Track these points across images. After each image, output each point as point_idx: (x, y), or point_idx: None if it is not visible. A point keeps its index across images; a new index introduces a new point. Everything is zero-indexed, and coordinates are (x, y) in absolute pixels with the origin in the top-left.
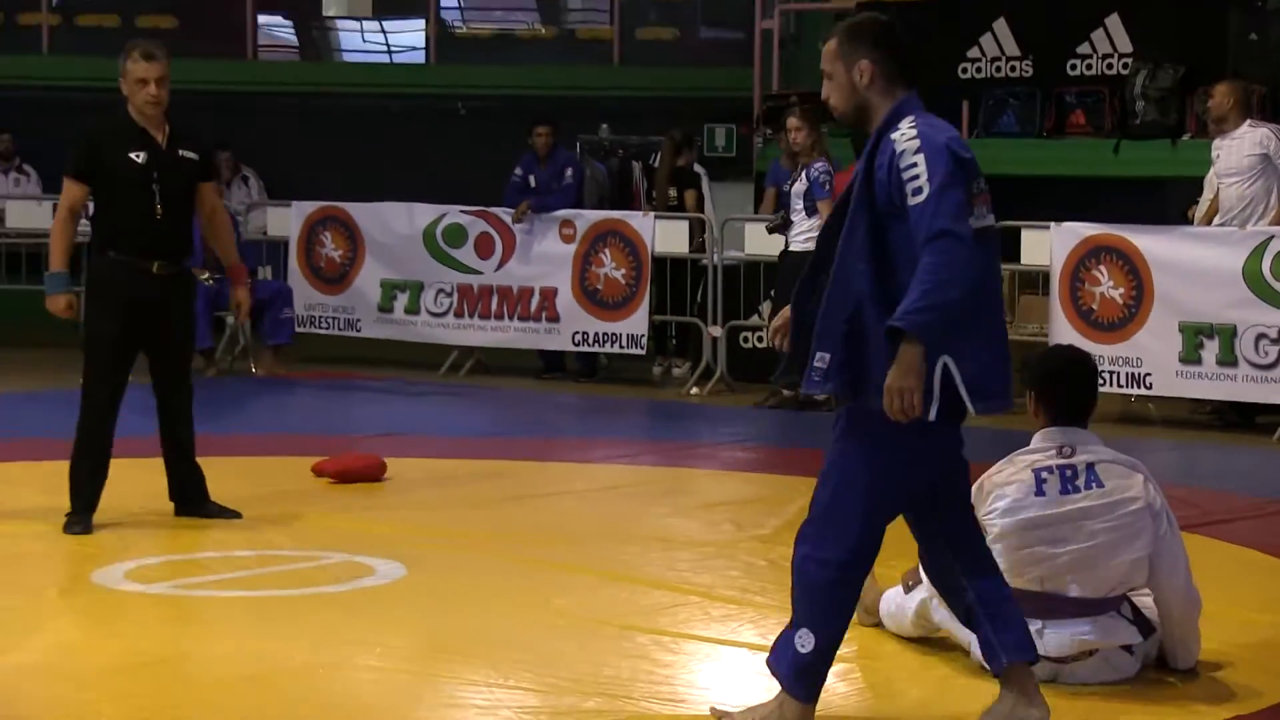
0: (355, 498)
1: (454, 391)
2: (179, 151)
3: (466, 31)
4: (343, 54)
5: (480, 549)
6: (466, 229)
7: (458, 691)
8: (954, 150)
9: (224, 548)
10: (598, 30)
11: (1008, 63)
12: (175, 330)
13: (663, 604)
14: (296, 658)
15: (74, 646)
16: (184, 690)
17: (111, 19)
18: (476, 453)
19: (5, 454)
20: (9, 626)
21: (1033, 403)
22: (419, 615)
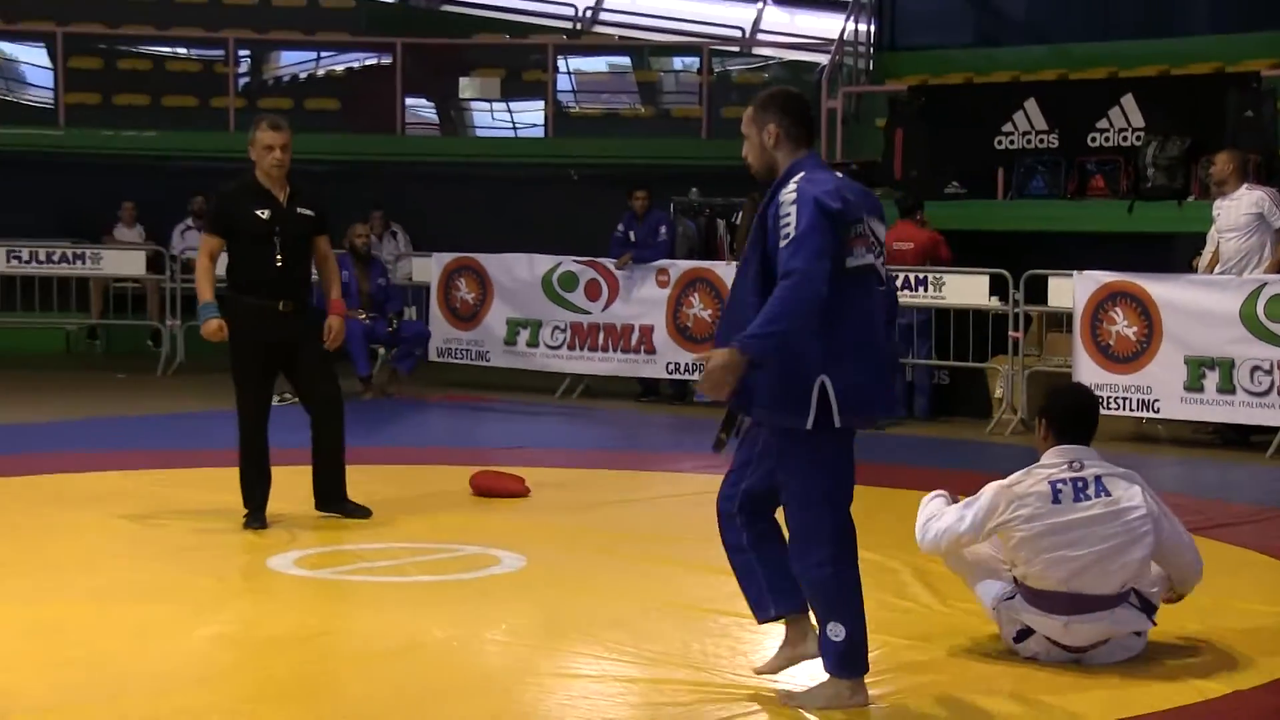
0: (485, 500)
1: (567, 412)
2: (297, 209)
3: (579, 111)
4: (475, 130)
5: (589, 544)
6: (578, 276)
7: (570, 663)
8: (821, 203)
9: (376, 540)
10: (689, 109)
11: (1037, 135)
12: (307, 355)
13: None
14: (434, 633)
15: (253, 620)
16: (342, 659)
17: (286, 101)
18: (586, 463)
19: (200, 461)
20: (202, 603)
21: (1043, 429)
22: (537, 599)
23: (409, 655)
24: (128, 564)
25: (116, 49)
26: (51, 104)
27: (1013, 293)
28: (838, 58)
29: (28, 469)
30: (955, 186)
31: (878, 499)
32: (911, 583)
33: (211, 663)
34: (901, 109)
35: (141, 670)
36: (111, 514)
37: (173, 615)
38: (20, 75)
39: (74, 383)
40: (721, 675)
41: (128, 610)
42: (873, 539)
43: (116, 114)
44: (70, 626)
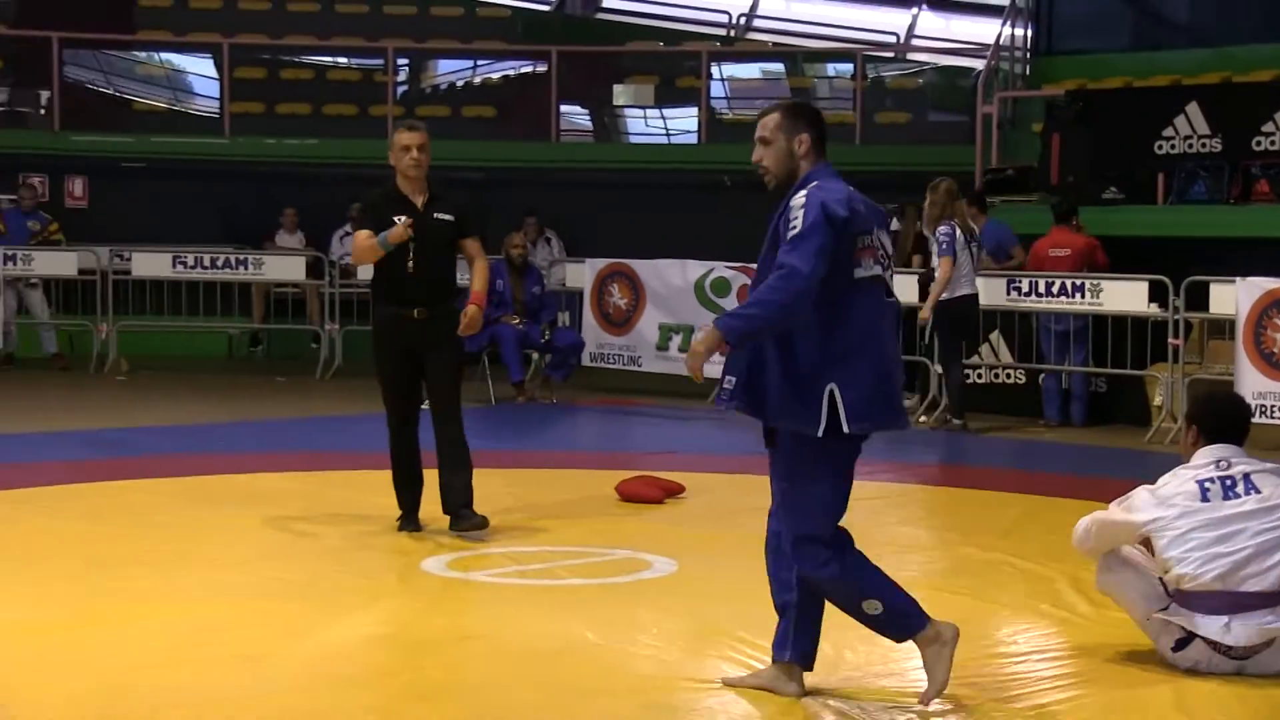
0: (636, 504)
1: (718, 417)
2: (435, 215)
3: (732, 117)
4: (629, 136)
5: (740, 549)
6: (730, 281)
7: (719, 666)
8: (827, 207)
9: (528, 544)
10: (843, 115)
11: (1199, 140)
12: (434, 365)
13: None
14: (586, 636)
15: (408, 621)
16: (493, 660)
17: (443, 109)
18: (737, 468)
19: (357, 463)
20: (356, 604)
21: (1192, 435)
22: (688, 604)
23: (560, 657)
24: (283, 564)
25: (279, 59)
26: (217, 113)
27: (1173, 299)
28: (994, 63)
29: (190, 469)
30: (1113, 192)
31: (1033, 507)
32: (1067, 591)
33: (364, 663)
34: (1059, 114)
35: (295, 670)
36: (269, 515)
37: (326, 616)
38: (188, 86)
39: (235, 386)
40: (873, 683)
41: (282, 610)
42: (1028, 547)
43: (279, 122)
44: (226, 626)
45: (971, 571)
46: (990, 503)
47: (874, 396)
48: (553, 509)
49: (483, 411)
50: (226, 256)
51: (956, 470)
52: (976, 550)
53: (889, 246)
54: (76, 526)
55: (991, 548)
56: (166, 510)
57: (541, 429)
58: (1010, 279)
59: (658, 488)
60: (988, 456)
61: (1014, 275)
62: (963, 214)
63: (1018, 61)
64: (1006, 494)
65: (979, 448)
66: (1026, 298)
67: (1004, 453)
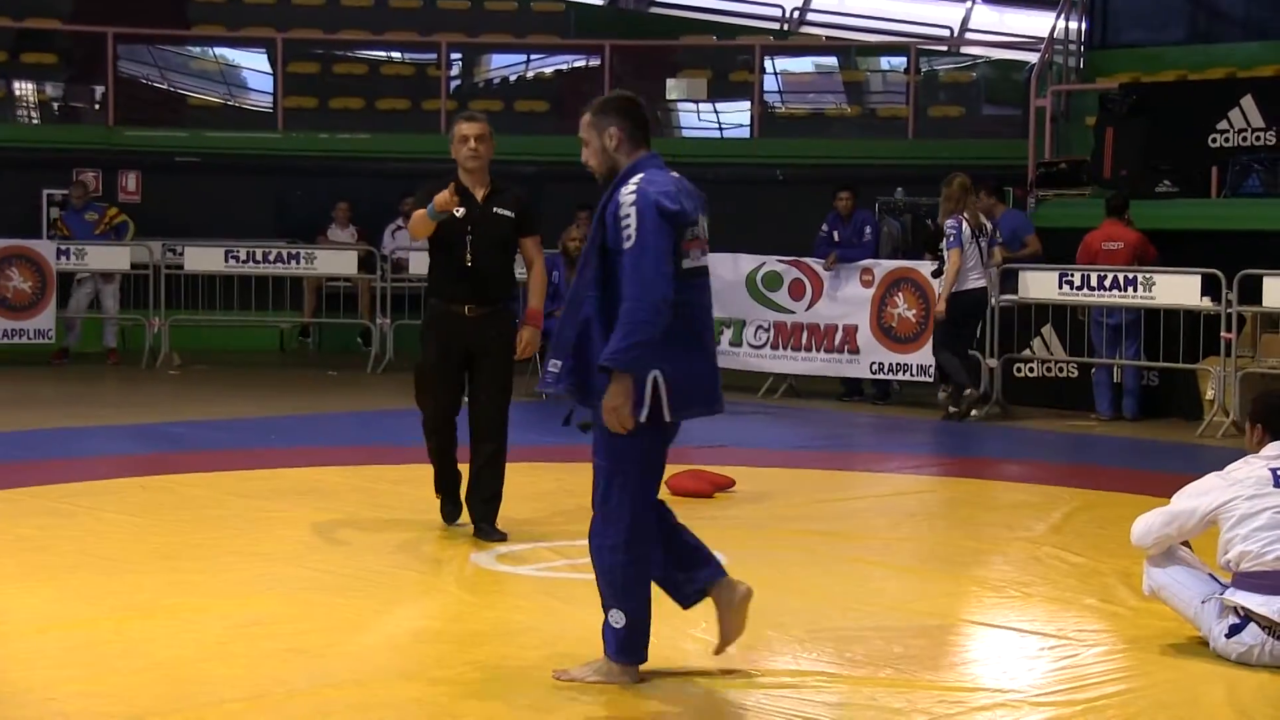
0: (686, 499)
1: (770, 411)
2: (494, 209)
3: (785, 111)
4: (682, 130)
5: (790, 543)
6: (782, 275)
7: (770, 661)
8: (661, 206)
9: (578, 537)
10: (895, 109)
11: (1253, 133)
12: (485, 367)
13: (944, 592)
14: None
15: (459, 615)
16: (543, 653)
17: (496, 103)
18: (787, 463)
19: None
20: (406, 597)
21: (1258, 433)
22: None
23: None
24: (336, 558)
25: (333, 54)
26: (270, 108)
27: (1225, 293)
28: (1048, 56)
29: (244, 464)
30: (1167, 185)
31: (1085, 502)
32: (1117, 586)
33: (415, 656)
34: (1112, 107)
35: (346, 663)
36: (322, 509)
37: (377, 609)
38: (242, 81)
39: (287, 380)
40: (922, 677)
41: (334, 603)
42: (1078, 542)
43: (332, 117)
44: (279, 619)
45: (1020, 566)
46: (1041, 497)
47: (695, 385)
48: None
49: (534, 405)
50: (278, 251)
51: (1007, 465)
52: (1026, 544)
53: (706, 231)
54: (132, 520)
55: (1041, 542)
56: (221, 504)
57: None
58: (1063, 273)
59: (707, 482)
60: (1039, 450)
61: (1065, 269)
62: (974, 209)
63: (1071, 55)
64: (1057, 488)
65: (1030, 442)
66: (1079, 291)
67: (1055, 447)
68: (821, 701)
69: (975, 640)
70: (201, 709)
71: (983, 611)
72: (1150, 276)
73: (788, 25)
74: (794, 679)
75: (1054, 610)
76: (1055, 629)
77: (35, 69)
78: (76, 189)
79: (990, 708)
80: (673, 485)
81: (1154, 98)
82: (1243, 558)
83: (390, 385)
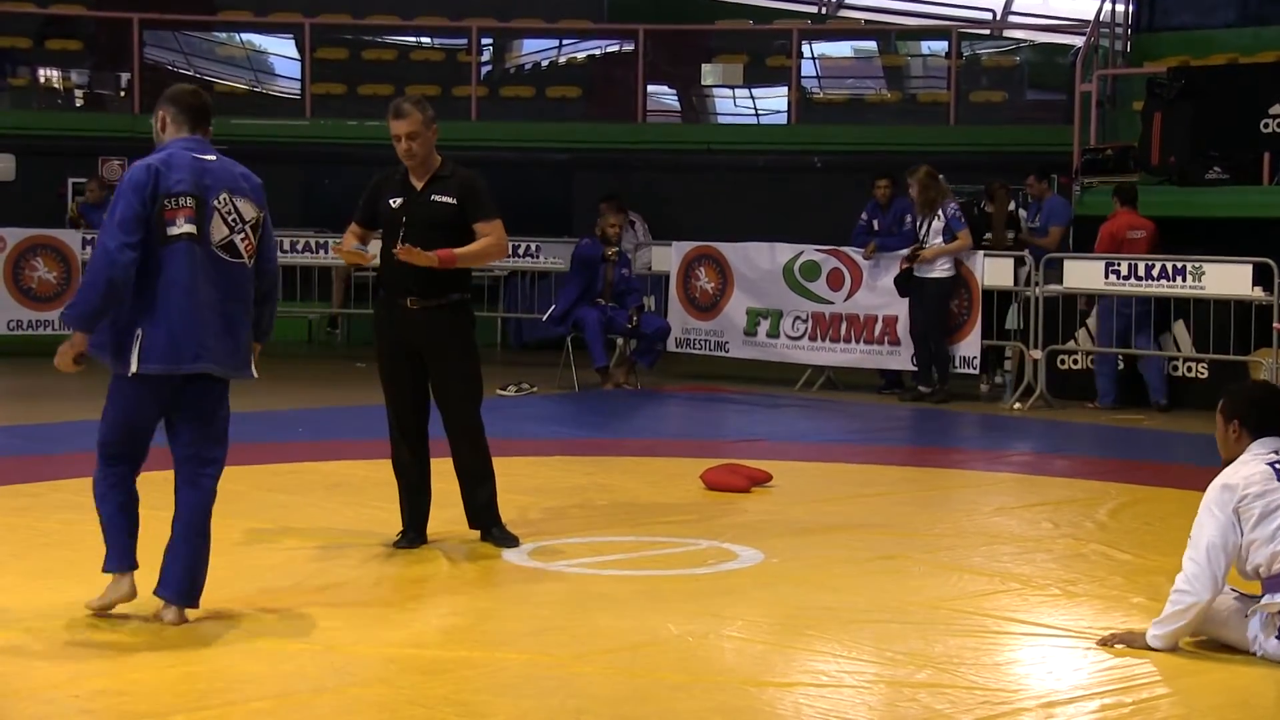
0: (722, 493)
1: (807, 404)
2: (432, 197)
3: (823, 97)
4: (718, 117)
5: (828, 540)
6: (820, 265)
7: (806, 661)
8: (132, 176)
9: (610, 533)
10: (936, 94)
11: None
12: (440, 364)
13: (986, 590)
14: (669, 628)
15: (488, 612)
16: (575, 652)
17: (527, 90)
18: (825, 456)
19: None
20: (435, 595)
21: (1235, 431)
22: (774, 595)
23: (643, 650)
24: (363, 553)
25: (361, 39)
26: (298, 95)
27: (1278, 282)
28: (1093, 39)
29: (273, 457)
30: (1217, 172)
31: (1132, 497)
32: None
33: (443, 654)
34: (1160, 92)
35: (373, 661)
36: (347, 502)
37: (404, 606)
38: (269, 67)
39: (315, 371)
40: (964, 678)
41: (361, 599)
42: (1127, 539)
43: (361, 104)
44: (302, 615)
45: (1065, 563)
46: (1087, 492)
47: (171, 343)
48: (636, 498)
49: (567, 398)
50: (306, 240)
51: (1051, 459)
52: (1071, 541)
53: (245, 212)
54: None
55: (1087, 539)
56: (247, 498)
57: (625, 416)
58: (1109, 262)
59: (744, 476)
60: (1084, 444)
61: (1111, 258)
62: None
63: (1118, 38)
64: (1104, 483)
65: (1075, 435)
66: (1125, 281)
67: (1101, 440)
68: (861, 703)
69: (1019, 640)
70: (227, 708)
71: (1027, 610)
72: (1200, 266)
73: (826, 9)
74: (832, 679)
75: (1100, 609)
76: (1100, 629)
77: (60, 55)
78: (92, 185)
79: (1035, 709)
80: (708, 480)
81: (1203, 82)
82: (1274, 559)
83: None
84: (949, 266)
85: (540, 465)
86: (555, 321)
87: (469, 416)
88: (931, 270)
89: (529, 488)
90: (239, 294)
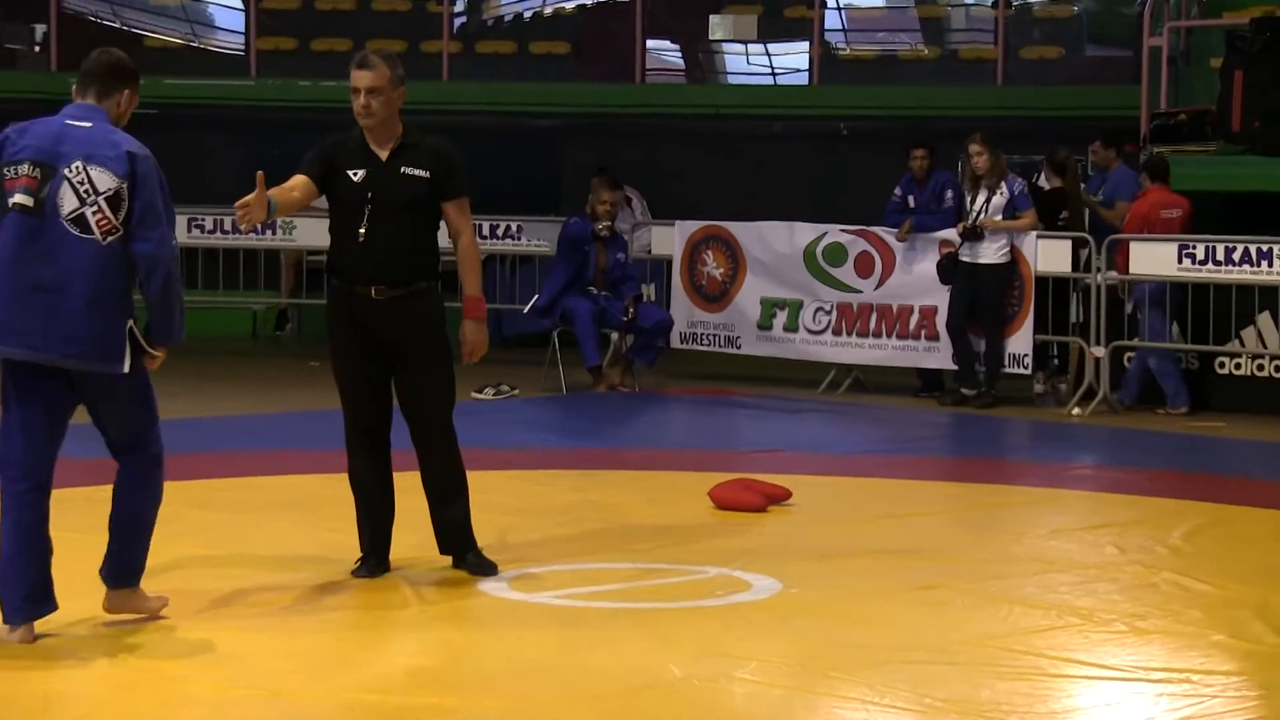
0: (732, 513)
1: (832, 409)
2: (401, 169)
3: (850, 53)
4: (728, 76)
5: (855, 566)
6: (847, 248)
7: (832, 709)
8: None
9: (604, 559)
10: (981, 50)
11: None
12: (409, 358)
13: (1040, 626)
14: (672, 670)
15: (461, 651)
16: (563, 698)
17: (508, 45)
18: (853, 469)
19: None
20: (402, 630)
21: None
22: (794, 632)
23: (641, 696)
24: (316, 581)
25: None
26: (242, 50)
27: None
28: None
29: (209, 470)
30: None
31: (1212, 517)
32: (1250, 620)
33: (410, 700)
34: (1242, 46)
35: (326, 709)
36: (298, 523)
37: (366, 643)
38: (208, 19)
39: (261, 372)
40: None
41: (315, 636)
42: (1205, 566)
43: (314, 61)
44: (249, 654)
45: (1132, 595)
46: (1157, 511)
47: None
48: (633, 518)
49: (554, 402)
50: None
51: (1115, 472)
52: (1140, 569)
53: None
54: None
55: (1158, 566)
56: (181, 519)
57: (621, 423)
58: (1182, 245)
59: (758, 493)
60: (1154, 455)
61: (1185, 240)
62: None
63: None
64: (1178, 501)
65: (1143, 445)
66: (1203, 267)
67: (1174, 451)
68: None
69: (1078, 684)
70: None
71: (1087, 649)
72: None
73: None
74: None
75: (1174, 648)
76: (1175, 671)
77: None
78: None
79: None
80: (717, 497)
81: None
82: None
83: None
84: (1005, 251)
85: (522, 480)
86: (540, 313)
87: (440, 423)
88: (985, 254)
89: (509, 506)
90: (87, 274)
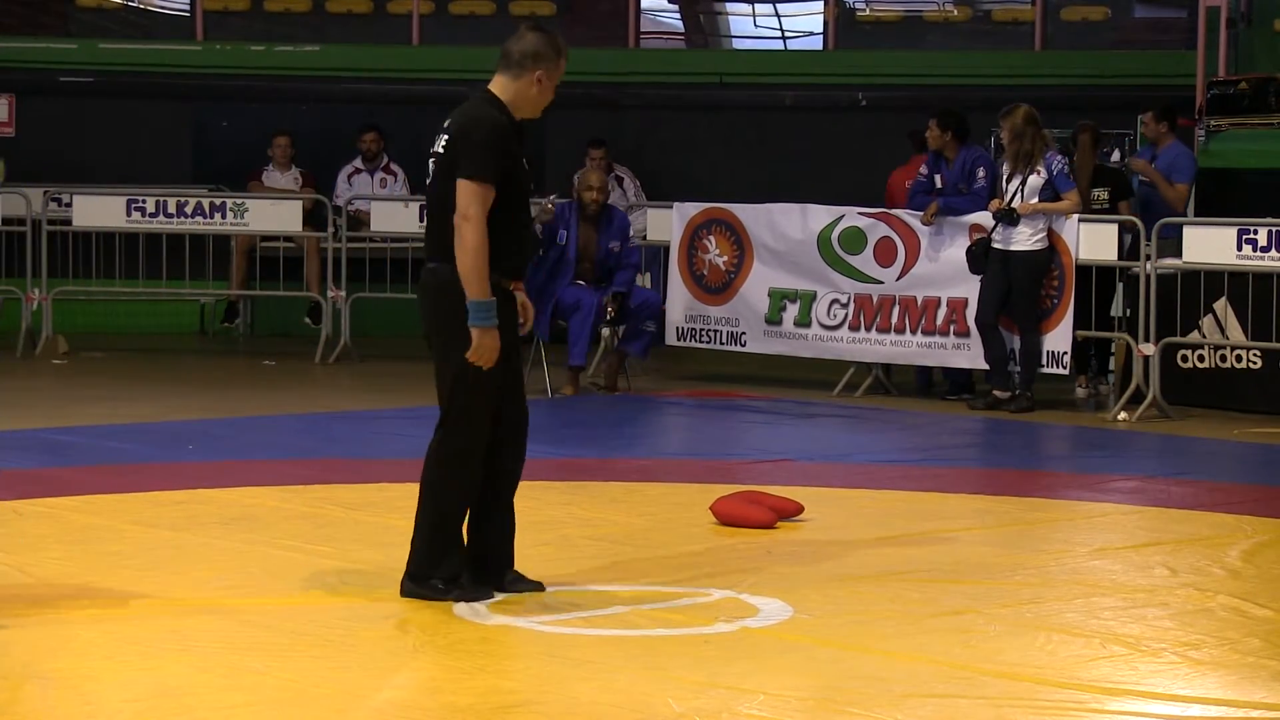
0: (736, 530)
1: (849, 413)
2: (436, 146)
3: (870, 14)
4: (732, 40)
5: (874, 589)
6: (866, 233)
7: None
8: None
9: (596, 580)
10: (1017, 10)
11: None
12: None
13: (1082, 655)
14: (671, 704)
15: (437, 684)
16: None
17: (486, 6)
18: (872, 481)
19: (370, 474)
20: (372, 661)
21: None
22: (805, 661)
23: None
24: (269, 607)
25: None
26: (187, 11)
27: None
28: None
29: (152, 483)
30: None
31: (1276, 535)
32: None
33: None
34: None
35: None
36: (252, 541)
37: (327, 676)
38: None
39: (209, 372)
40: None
41: (268, 669)
42: (1267, 590)
43: (269, 24)
44: (194, 689)
45: (1185, 621)
46: (1213, 528)
47: None
48: (628, 535)
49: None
50: (198, 201)
51: (1166, 485)
52: (1193, 592)
53: None
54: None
55: (1214, 589)
56: (121, 537)
57: (614, 428)
58: (1242, 229)
59: (767, 507)
60: (1211, 466)
61: (1245, 224)
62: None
63: None
64: (1236, 516)
65: (1199, 454)
66: (1267, 254)
67: (1234, 461)
68: None
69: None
70: None
71: (1135, 681)
72: None
73: None
74: None
75: (1231, 681)
76: (1233, 705)
77: None
78: None
79: None
80: (721, 512)
81: None
82: None
83: (345, 378)
84: (1042, 237)
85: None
86: None
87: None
88: (1020, 240)
89: None
90: None
